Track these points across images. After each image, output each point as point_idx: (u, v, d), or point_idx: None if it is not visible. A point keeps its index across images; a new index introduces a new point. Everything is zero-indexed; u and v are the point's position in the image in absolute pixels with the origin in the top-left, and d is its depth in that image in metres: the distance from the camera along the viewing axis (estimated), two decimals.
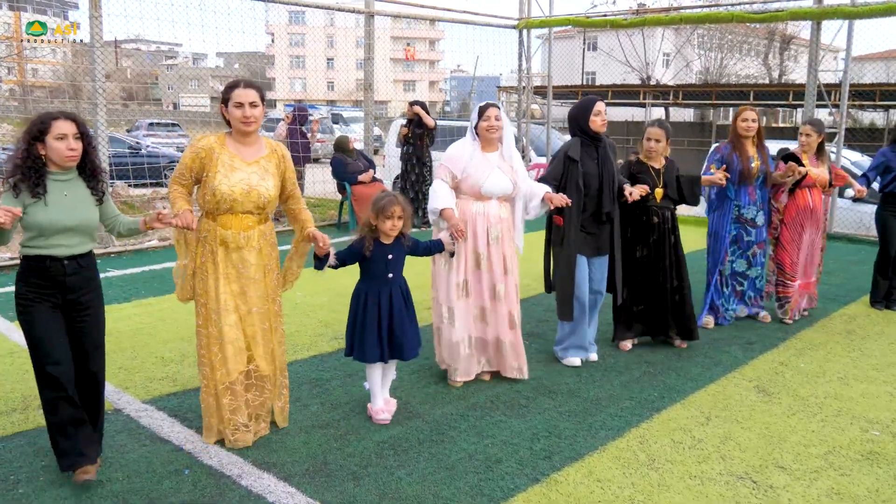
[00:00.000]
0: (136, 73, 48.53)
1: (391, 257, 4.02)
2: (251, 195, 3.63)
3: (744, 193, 5.86)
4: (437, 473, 3.54)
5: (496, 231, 4.53)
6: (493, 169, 4.52)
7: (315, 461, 3.65)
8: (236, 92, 3.63)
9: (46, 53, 48.64)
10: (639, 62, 33.74)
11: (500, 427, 4.08)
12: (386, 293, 4.01)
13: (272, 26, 58.51)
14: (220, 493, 3.33)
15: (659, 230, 5.27)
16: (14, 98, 41.83)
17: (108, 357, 4.97)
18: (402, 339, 4.03)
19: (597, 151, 4.89)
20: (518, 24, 13.20)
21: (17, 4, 31.48)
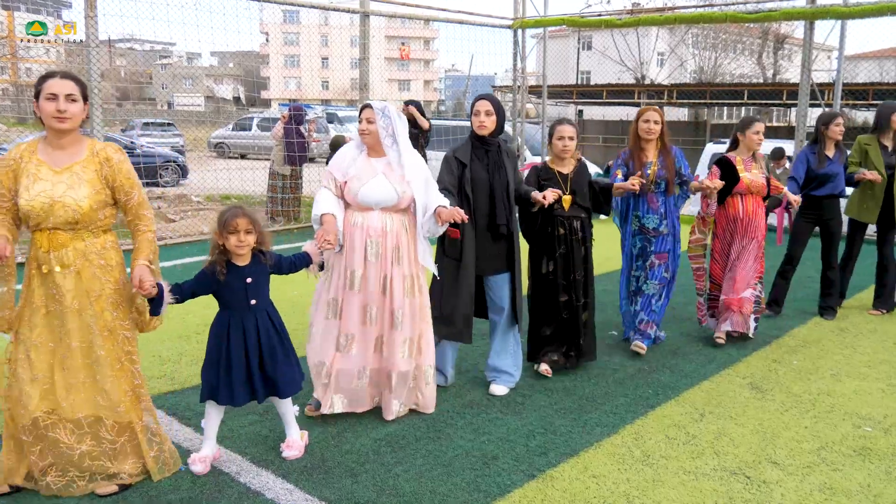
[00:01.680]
0: (130, 72, 48.47)
1: (250, 280, 3.44)
2: (54, 209, 3.06)
3: (642, 202, 5.26)
4: (434, 470, 3.57)
5: (375, 247, 3.96)
6: (374, 175, 3.96)
7: (313, 458, 3.67)
8: (50, 83, 3.07)
9: (41, 53, 48.50)
10: (633, 61, 33.82)
11: (496, 424, 4.12)
12: (251, 323, 3.44)
13: (266, 25, 58.48)
14: (218, 489, 3.36)
15: (567, 242, 4.70)
16: (7, 97, 41.72)
17: None
18: (276, 374, 3.50)
19: (487, 156, 4.38)
20: (513, 24, 13.23)
21: (10, 4, 31.37)
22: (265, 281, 3.54)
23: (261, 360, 3.46)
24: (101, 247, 3.23)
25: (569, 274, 4.72)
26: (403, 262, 4.00)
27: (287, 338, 3.60)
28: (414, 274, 4.05)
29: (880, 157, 6.19)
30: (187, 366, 4.88)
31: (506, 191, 4.36)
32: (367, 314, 3.99)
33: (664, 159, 5.20)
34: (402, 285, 4.00)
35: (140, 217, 3.32)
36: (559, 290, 4.72)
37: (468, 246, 4.30)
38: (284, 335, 3.58)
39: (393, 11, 11.91)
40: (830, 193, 6.08)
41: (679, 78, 36.24)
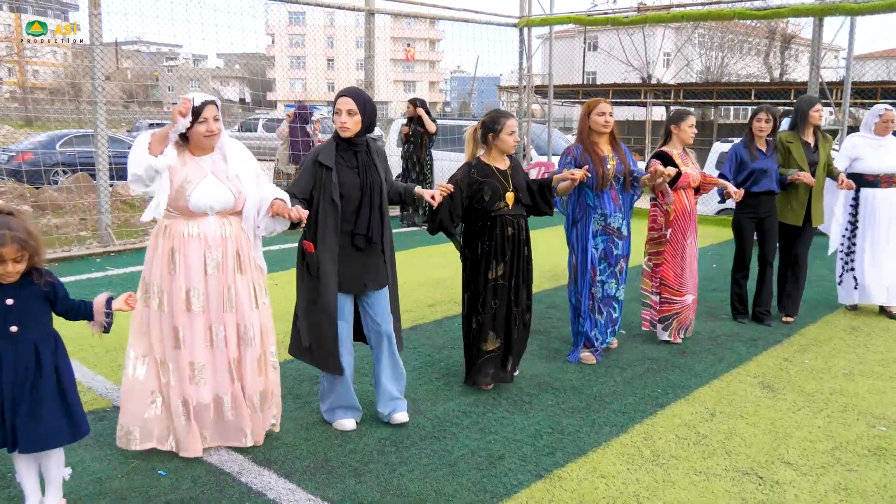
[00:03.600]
0: (137, 73, 48.57)
1: (11, 303, 2.80)
2: None
3: (607, 199, 4.93)
4: (439, 470, 3.50)
5: (216, 256, 3.46)
6: (204, 176, 3.44)
7: (316, 458, 3.61)
8: None
9: (46, 54, 48.70)
10: (639, 61, 33.72)
11: (502, 423, 4.04)
12: (9, 355, 2.81)
13: (272, 27, 58.49)
14: (220, 489, 3.29)
15: (516, 242, 4.39)
16: (15, 99, 41.85)
17: (108, 355, 5.00)
18: (17, 421, 2.81)
19: (356, 157, 3.84)
20: (518, 23, 13.17)
21: (17, 6, 31.32)
22: (38, 307, 2.88)
23: (2, 405, 2.82)
24: None
25: (517, 277, 4.42)
26: (246, 271, 3.55)
27: (65, 380, 2.93)
28: (257, 283, 3.61)
29: (803, 156, 5.96)
30: None
31: (379, 195, 3.85)
32: (213, 336, 3.49)
33: (617, 153, 4.98)
34: (249, 296, 3.55)
35: None
36: (514, 297, 4.42)
37: (327, 260, 3.74)
38: (60, 375, 2.92)
39: (398, 10, 11.88)
40: (768, 190, 5.85)
41: (685, 78, 36.12)
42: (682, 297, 5.39)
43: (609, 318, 5.13)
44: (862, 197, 6.21)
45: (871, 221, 6.20)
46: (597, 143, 4.92)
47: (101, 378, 4.61)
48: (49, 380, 2.87)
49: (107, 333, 3.14)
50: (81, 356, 4.94)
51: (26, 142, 16.37)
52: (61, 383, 2.92)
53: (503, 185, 4.34)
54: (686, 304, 5.41)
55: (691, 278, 5.43)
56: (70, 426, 2.92)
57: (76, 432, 2.95)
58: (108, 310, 3.06)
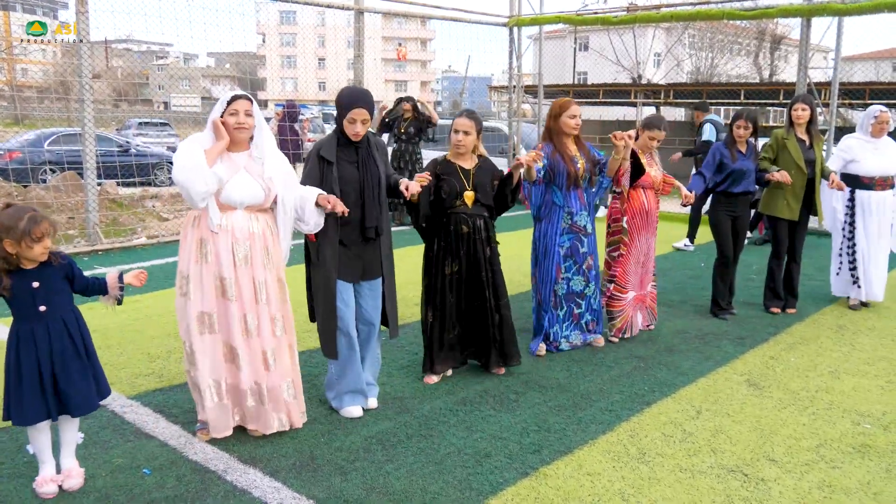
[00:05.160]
0: (127, 72, 48.37)
1: (37, 285, 3.08)
2: None
3: (574, 198, 5.00)
4: (425, 468, 3.50)
5: (244, 250, 3.62)
6: (236, 171, 3.60)
7: (302, 456, 3.60)
8: None
9: (35, 52, 48.44)
10: (630, 62, 33.80)
11: (489, 421, 4.05)
12: (42, 332, 3.09)
13: (263, 26, 58.37)
14: (204, 488, 3.28)
15: (470, 241, 4.45)
16: (3, 97, 41.60)
17: (97, 353, 4.96)
18: (69, 388, 3.14)
19: (356, 153, 4.00)
20: (508, 22, 13.18)
21: (5, 4, 30.97)
22: (60, 285, 3.16)
23: (53, 374, 3.11)
24: None
25: (478, 273, 4.50)
26: (273, 266, 3.71)
27: (91, 350, 3.25)
28: (283, 278, 3.77)
29: (799, 153, 6.04)
30: (176, 363, 4.80)
31: (378, 189, 4.01)
32: (246, 325, 3.64)
33: (583, 152, 5.05)
34: (278, 290, 3.72)
35: None
36: (468, 292, 4.53)
37: (327, 251, 3.90)
38: (87, 346, 3.23)
39: (388, 9, 11.85)
40: (746, 190, 5.96)
41: (675, 78, 36.21)
42: (625, 295, 5.47)
43: (569, 314, 5.19)
44: (857, 199, 6.28)
45: (866, 223, 6.28)
46: (565, 144, 5.00)
47: None
48: (81, 350, 3.20)
49: (119, 305, 3.42)
50: None
51: (14, 140, 16.26)
52: (88, 352, 3.24)
53: (462, 184, 4.41)
54: (627, 301, 5.48)
55: (637, 276, 5.53)
56: (97, 389, 3.27)
57: (102, 395, 3.32)
58: (120, 283, 3.33)
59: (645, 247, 5.52)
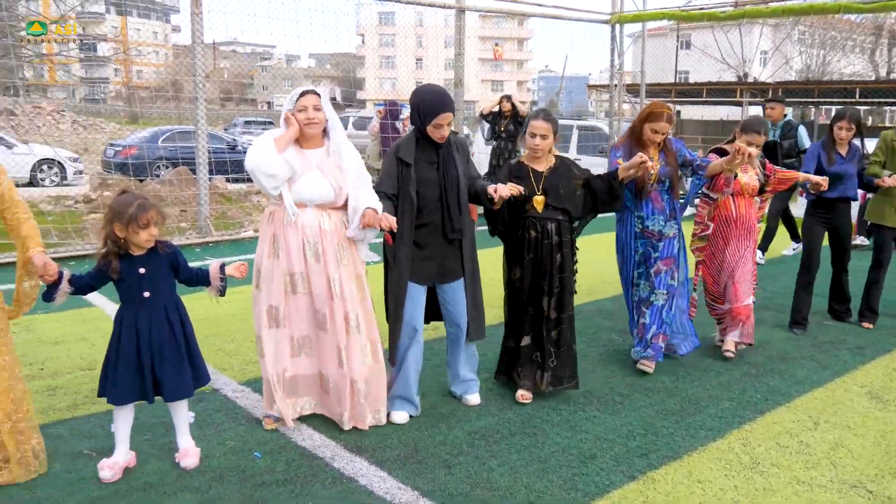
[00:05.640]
0: (233, 73, 50.27)
1: (144, 271, 3.20)
2: None
3: (646, 202, 4.69)
4: (529, 466, 3.47)
5: (314, 246, 3.62)
6: (309, 169, 3.61)
7: (406, 448, 3.63)
8: None
9: (149, 54, 50.96)
10: (735, 59, 32.67)
11: (593, 423, 3.97)
12: (145, 317, 3.20)
13: (363, 28, 59.49)
14: (312, 473, 3.35)
15: (538, 247, 4.17)
16: (120, 98, 43.98)
17: (207, 340, 5.16)
18: (162, 374, 3.23)
19: (437, 153, 3.87)
20: (610, 19, 12.95)
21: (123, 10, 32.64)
22: (164, 273, 3.27)
23: (152, 359, 3.21)
24: None
25: (540, 282, 4.18)
26: (351, 263, 3.67)
27: (190, 338, 3.33)
28: (361, 274, 3.75)
29: None
30: None
31: (457, 190, 3.86)
32: (319, 319, 3.67)
33: (666, 156, 4.66)
34: (354, 287, 3.68)
35: (14, 203, 3.18)
36: (529, 300, 4.22)
37: (402, 254, 3.82)
38: (187, 334, 3.32)
39: (489, 7, 11.83)
40: (842, 196, 5.52)
41: (784, 77, 34.77)
42: (722, 306, 5.12)
43: (633, 324, 4.88)
44: None
45: None
46: (645, 148, 4.60)
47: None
48: (179, 337, 3.28)
49: (222, 296, 3.46)
50: None
51: (131, 137, 17.16)
52: (188, 340, 3.32)
53: (532, 188, 4.14)
54: (724, 311, 5.11)
55: (744, 284, 5.02)
56: (195, 377, 3.35)
57: (199, 381, 3.39)
58: (222, 275, 3.41)
59: (735, 256, 5.03)
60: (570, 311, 4.24)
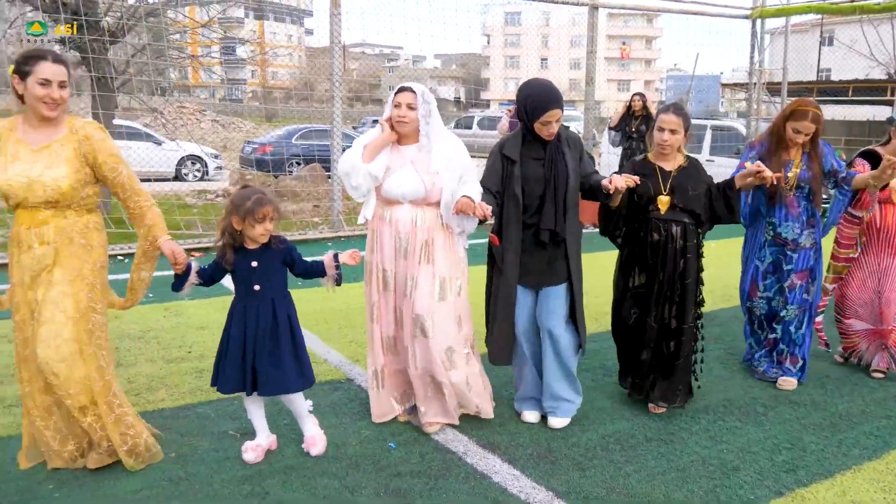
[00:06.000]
0: (362, 74, 51.62)
1: (256, 265, 3.24)
2: (33, 188, 3.01)
3: (779, 207, 4.35)
4: (667, 474, 3.34)
5: (405, 243, 3.59)
6: (402, 165, 3.56)
7: (539, 447, 3.58)
8: (43, 66, 2.96)
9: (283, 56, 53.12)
10: (886, 56, 30.51)
11: (735, 433, 3.79)
12: (253, 310, 3.24)
13: (489, 28, 59.73)
14: (446, 467, 3.37)
15: (661, 251, 3.88)
16: (256, 98, 46.10)
17: (340, 331, 5.30)
18: (260, 367, 3.24)
19: (544, 150, 3.66)
20: (751, 14, 12.38)
21: (260, 14, 33.98)
22: (276, 268, 3.30)
23: (254, 352, 3.24)
24: (84, 226, 3.15)
25: (660, 289, 3.89)
26: (437, 262, 3.57)
27: (297, 335, 3.33)
28: (451, 275, 3.61)
29: None
30: None
31: (563, 190, 3.63)
32: (399, 316, 3.67)
33: (809, 160, 4.25)
34: (432, 288, 3.55)
35: (136, 192, 3.22)
36: (651, 308, 3.92)
37: (509, 254, 3.66)
38: (293, 331, 3.32)
39: (623, 3, 11.56)
40: None
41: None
42: (848, 321, 4.73)
43: (765, 342, 4.57)
44: None
45: None
46: (787, 149, 4.30)
47: (335, 352, 4.89)
48: (285, 333, 3.27)
49: (338, 286, 3.46)
50: (318, 330, 5.30)
51: (267, 135, 17.96)
52: (294, 337, 3.31)
53: (658, 187, 3.87)
54: (853, 330, 4.71)
55: (869, 305, 4.62)
56: (300, 375, 3.32)
57: (305, 381, 3.35)
58: (336, 264, 3.40)
59: (881, 271, 4.60)
60: (690, 322, 3.92)
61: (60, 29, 7.72)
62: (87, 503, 3.03)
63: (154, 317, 5.62)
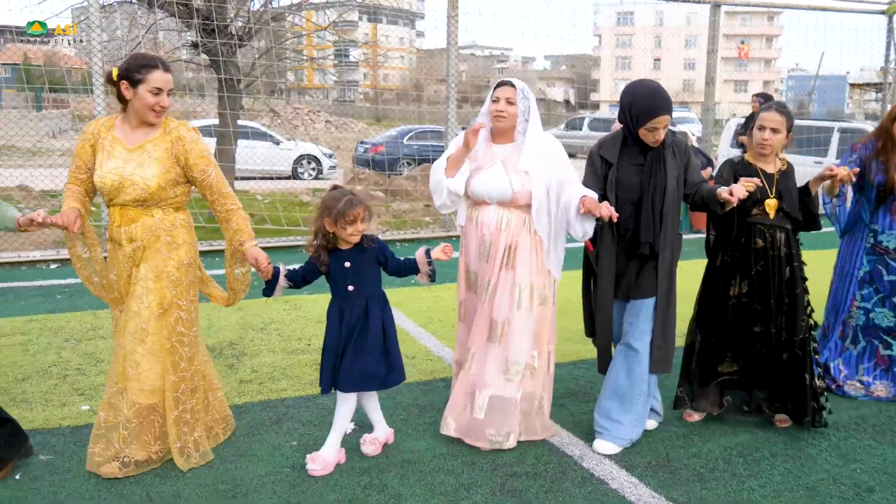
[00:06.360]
0: (471, 76, 51.95)
1: (349, 265, 3.24)
2: (123, 186, 3.10)
3: (883, 214, 4.12)
4: (794, 491, 3.20)
5: (488, 245, 3.47)
6: (492, 165, 3.45)
7: (657, 455, 3.50)
8: (156, 75, 3.07)
9: (394, 58, 54.14)
10: None
11: (868, 452, 3.58)
12: (347, 311, 3.25)
13: (600, 28, 58.91)
14: (561, 470, 3.34)
15: (765, 258, 3.64)
16: (367, 99, 47.16)
17: (453, 329, 5.33)
18: (342, 364, 3.24)
19: (644, 155, 3.44)
20: (888, 9, 11.66)
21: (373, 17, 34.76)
22: (370, 268, 3.29)
23: (344, 350, 3.26)
24: (171, 224, 3.22)
25: (766, 299, 3.66)
26: (520, 268, 3.43)
27: (389, 334, 3.32)
28: (535, 283, 3.46)
29: None
30: None
31: (661, 200, 3.40)
32: (481, 321, 3.54)
33: None
34: (513, 294, 3.43)
35: (223, 195, 3.27)
36: (755, 319, 3.69)
37: (605, 263, 3.49)
38: (385, 330, 3.31)
39: (747, 0, 11.13)
40: None
41: None
42: None
43: (871, 353, 4.27)
44: None
45: None
46: (893, 152, 4.03)
47: (449, 350, 4.94)
48: (375, 332, 3.27)
49: (433, 282, 3.45)
50: (432, 328, 5.37)
51: (379, 136, 18.36)
52: (386, 336, 3.31)
53: (764, 190, 3.60)
54: None
55: None
56: (387, 373, 3.32)
57: (391, 380, 3.34)
58: (428, 259, 3.37)
59: None
60: (804, 334, 3.69)
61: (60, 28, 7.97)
62: (217, 483, 3.18)
63: (276, 309, 5.85)
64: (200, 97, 21.77)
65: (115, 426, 3.17)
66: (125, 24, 11.51)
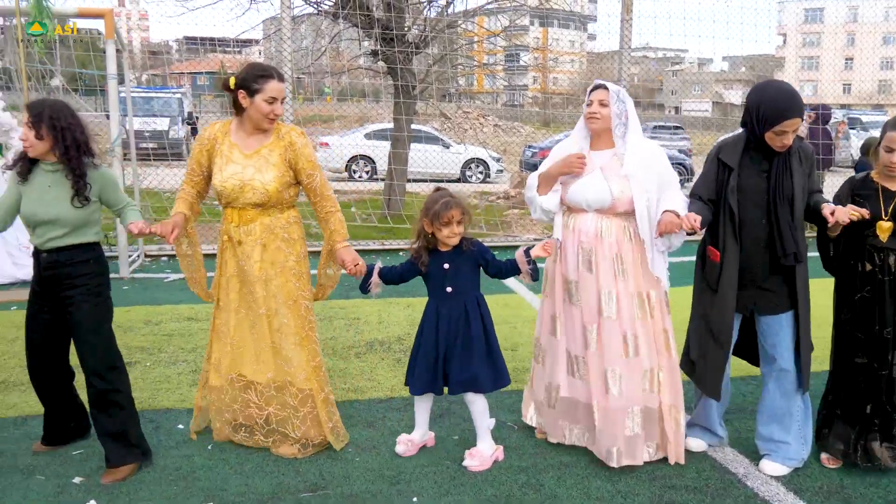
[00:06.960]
0: (642, 79, 50.74)
1: (447, 267, 3.29)
2: (244, 191, 3.28)
3: None
4: None
5: (588, 254, 3.34)
6: (591, 171, 3.34)
7: (830, 481, 3.32)
8: (272, 85, 3.23)
9: (564, 62, 53.88)
10: None
11: None
12: (445, 312, 3.31)
13: (784, 27, 55.53)
14: (724, 487, 3.26)
15: (874, 283, 3.28)
16: (535, 103, 47.27)
17: None
18: (448, 367, 3.31)
19: (769, 160, 3.23)
20: None
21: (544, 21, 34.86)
22: (467, 270, 3.33)
23: (446, 353, 3.31)
24: (286, 222, 3.39)
25: (870, 326, 3.30)
26: (629, 277, 3.32)
27: (490, 336, 3.35)
28: (645, 292, 3.35)
29: None
30: None
31: (789, 206, 3.20)
32: (587, 336, 3.38)
33: None
34: (633, 304, 3.32)
35: (325, 198, 3.42)
36: (863, 349, 3.33)
37: (728, 274, 3.26)
38: (486, 331, 3.34)
39: None
40: None
41: None
42: None
43: None
44: None
45: None
46: None
47: None
48: (477, 334, 3.32)
49: (536, 281, 3.43)
50: None
51: (548, 140, 18.42)
52: (487, 338, 3.36)
53: (877, 210, 3.26)
54: None
55: None
56: (493, 376, 3.36)
57: (497, 382, 3.38)
58: (528, 258, 3.33)
59: None
60: None
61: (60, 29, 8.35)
62: (382, 468, 3.39)
63: (391, 311, 6.07)
64: (375, 101, 22.76)
65: (286, 419, 3.47)
66: (311, 34, 12.30)
